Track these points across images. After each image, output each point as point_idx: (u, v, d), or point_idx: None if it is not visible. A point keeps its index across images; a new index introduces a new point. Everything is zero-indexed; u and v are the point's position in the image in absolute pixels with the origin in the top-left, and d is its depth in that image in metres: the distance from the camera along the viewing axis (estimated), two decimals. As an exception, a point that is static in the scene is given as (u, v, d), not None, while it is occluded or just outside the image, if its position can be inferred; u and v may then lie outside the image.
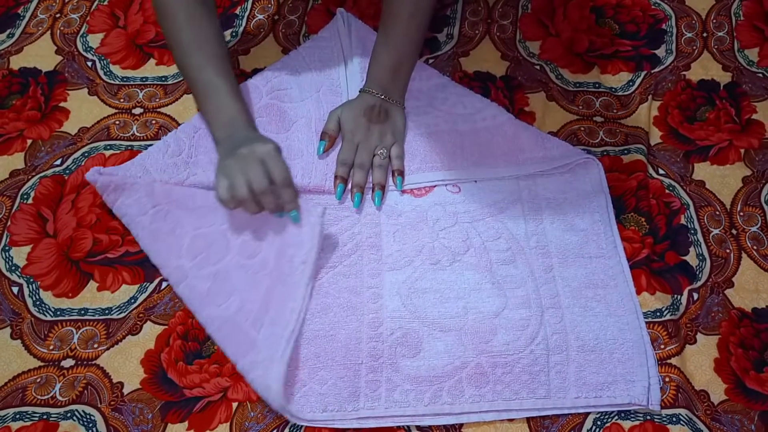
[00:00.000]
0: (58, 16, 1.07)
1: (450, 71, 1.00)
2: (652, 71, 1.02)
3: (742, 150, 0.93)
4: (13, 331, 0.77)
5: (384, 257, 0.81)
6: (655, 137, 0.94)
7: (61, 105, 0.96)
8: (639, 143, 0.93)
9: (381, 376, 0.73)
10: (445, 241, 0.82)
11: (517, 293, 0.78)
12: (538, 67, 1.02)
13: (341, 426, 0.71)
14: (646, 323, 0.77)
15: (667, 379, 0.75)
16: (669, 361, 0.76)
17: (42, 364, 0.76)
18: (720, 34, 1.06)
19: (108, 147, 0.92)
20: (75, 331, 0.78)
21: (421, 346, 0.75)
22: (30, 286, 0.81)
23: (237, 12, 1.08)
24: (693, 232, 0.86)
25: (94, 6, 1.08)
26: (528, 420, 0.72)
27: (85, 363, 0.76)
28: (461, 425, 0.72)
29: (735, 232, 0.86)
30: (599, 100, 0.98)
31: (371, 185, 0.86)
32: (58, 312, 0.79)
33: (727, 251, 0.84)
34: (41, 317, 0.78)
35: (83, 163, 0.90)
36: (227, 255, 0.78)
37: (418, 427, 0.72)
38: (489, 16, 1.08)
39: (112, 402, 0.73)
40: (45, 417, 0.72)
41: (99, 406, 0.73)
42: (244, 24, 1.07)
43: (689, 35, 1.06)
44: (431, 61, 1.02)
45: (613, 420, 0.72)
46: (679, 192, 0.89)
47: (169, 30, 0.83)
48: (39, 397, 0.73)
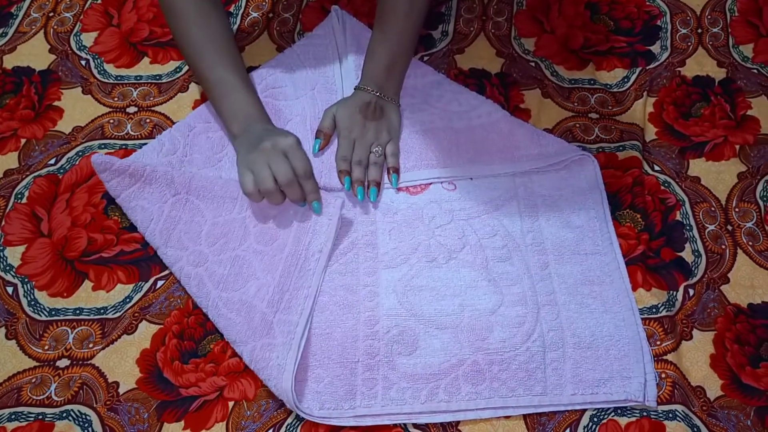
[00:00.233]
0: (51, 14, 1.07)
1: (445, 68, 1.00)
2: (647, 67, 1.02)
3: (737, 146, 0.93)
4: (8, 332, 0.77)
5: (380, 255, 0.81)
6: (651, 133, 0.94)
7: (55, 104, 0.96)
8: (634, 140, 0.93)
9: (377, 374, 0.73)
10: (441, 239, 0.82)
11: (513, 290, 0.78)
12: (533, 64, 1.02)
13: (338, 424, 0.71)
14: (642, 320, 0.77)
15: (663, 376, 0.75)
16: (665, 358, 0.76)
17: (37, 364, 0.75)
18: (715, 30, 1.06)
19: (102, 146, 0.92)
20: (70, 331, 0.77)
21: (418, 343, 0.75)
22: (25, 285, 0.80)
23: (231, 10, 1.08)
24: (688, 228, 0.86)
25: (87, 5, 1.08)
26: (525, 417, 0.72)
27: (81, 363, 0.75)
28: (458, 423, 0.72)
29: (730, 228, 0.86)
30: (594, 96, 0.98)
31: (367, 183, 0.85)
32: (53, 312, 0.78)
33: (723, 247, 0.84)
34: (36, 317, 0.78)
35: (77, 163, 0.89)
36: (245, 242, 0.80)
37: (414, 425, 0.72)
38: (484, 13, 1.08)
39: (107, 402, 0.73)
40: (41, 417, 0.72)
41: (95, 405, 0.73)
42: (238, 22, 1.06)
43: (684, 31, 1.06)
44: (426, 59, 1.02)
45: (610, 416, 0.72)
46: (675, 188, 0.89)
47: (179, 28, 0.83)
48: (34, 398, 0.73)
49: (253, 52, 1.02)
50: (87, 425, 0.71)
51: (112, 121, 0.94)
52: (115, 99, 0.97)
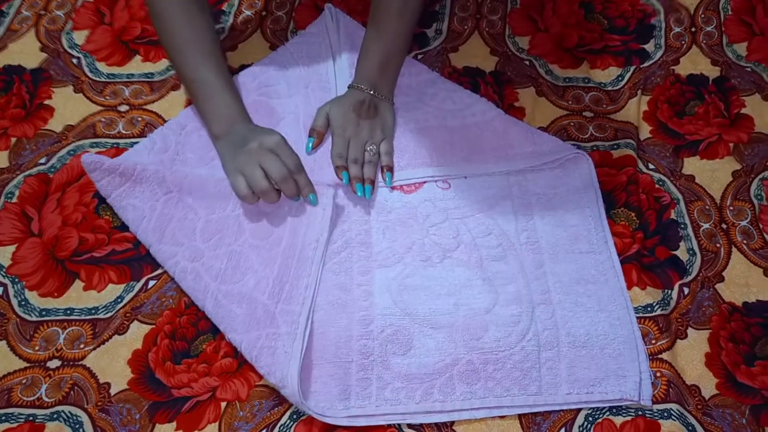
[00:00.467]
0: (42, 13, 1.06)
1: (439, 67, 1.00)
2: (641, 66, 1.02)
3: (731, 144, 0.93)
4: (-2, 332, 0.76)
5: (374, 254, 0.80)
6: (645, 132, 0.94)
7: (46, 103, 0.95)
8: (629, 138, 0.93)
9: (372, 374, 0.73)
10: (436, 238, 0.81)
11: (508, 289, 0.78)
12: (527, 63, 1.02)
13: (332, 423, 0.70)
14: (636, 318, 0.77)
15: (659, 374, 0.74)
16: (660, 356, 0.76)
17: (28, 365, 0.75)
18: (708, 28, 1.06)
19: (94, 145, 0.91)
20: (61, 332, 0.77)
21: (412, 343, 0.74)
22: (15, 286, 0.79)
23: (224, 8, 1.07)
24: (683, 226, 0.86)
25: (79, 2, 1.07)
26: (519, 417, 0.72)
27: (72, 363, 0.75)
28: (453, 423, 0.72)
29: (725, 226, 0.86)
30: (589, 95, 0.98)
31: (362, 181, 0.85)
32: (43, 312, 0.78)
33: (718, 246, 0.84)
34: (26, 317, 0.77)
35: (68, 162, 0.89)
36: (241, 237, 0.79)
37: (409, 425, 0.71)
38: (478, 11, 1.08)
39: (99, 403, 0.72)
40: (31, 418, 0.71)
41: (86, 406, 0.72)
42: (231, 20, 1.06)
43: (678, 30, 1.06)
44: (420, 57, 1.01)
45: (605, 416, 0.72)
46: (669, 187, 0.89)
47: (163, 28, 0.83)
48: (25, 399, 0.72)
49: (246, 50, 1.02)
50: (78, 426, 0.71)
51: (103, 120, 0.93)
52: (107, 97, 0.96)
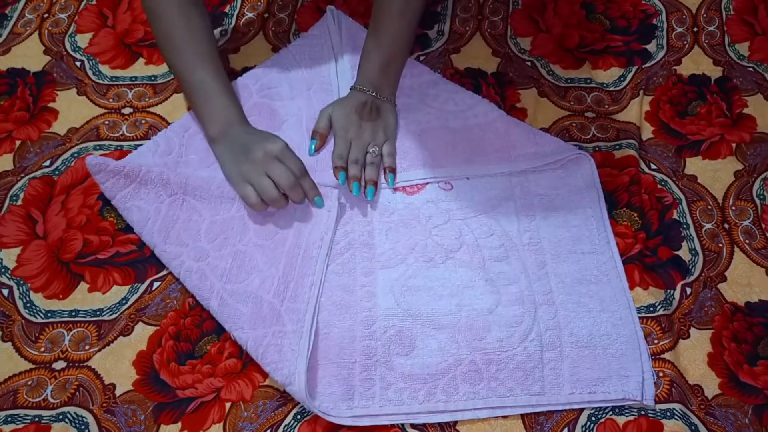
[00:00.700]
0: (46, 16, 1.06)
1: (441, 68, 1.00)
2: (643, 66, 1.02)
3: (733, 144, 0.93)
4: (4, 334, 0.77)
5: (377, 255, 0.81)
6: (647, 132, 0.94)
7: (50, 105, 0.95)
8: (631, 138, 0.93)
9: (375, 374, 0.73)
10: (438, 239, 0.82)
11: (511, 290, 0.78)
12: (529, 63, 1.02)
13: (337, 422, 0.71)
14: (639, 318, 0.77)
15: (661, 374, 0.75)
16: (663, 356, 0.76)
17: (33, 366, 0.75)
18: (710, 28, 1.06)
19: (97, 147, 0.91)
20: (66, 333, 0.77)
21: (415, 343, 0.75)
22: (20, 288, 0.80)
23: (226, 10, 1.08)
24: (685, 226, 0.86)
25: (82, 5, 1.08)
26: (522, 417, 0.72)
27: (77, 365, 0.75)
28: (456, 423, 0.72)
29: (727, 226, 0.86)
30: (591, 95, 0.98)
31: (364, 182, 0.85)
32: (48, 314, 0.78)
33: (720, 246, 0.84)
34: (32, 319, 0.78)
35: (73, 164, 0.89)
36: (245, 237, 0.80)
37: (412, 425, 0.72)
38: (479, 12, 1.08)
39: (104, 404, 0.73)
40: (37, 420, 0.71)
41: (91, 408, 0.72)
42: (233, 22, 1.06)
43: (680, 30, 1.06)
44: (422, 58, 1.01)
45: (608, 415, 0.72)
46: (672, 187, 0.89)
47: (160, 29, 0.83)
48: (30, 400, 0.73)
49: (249, 52, 1.02)
50: (84, 427, 0.71)
51: (107, 123, 0.94)
52: (110, 100, 0.96)
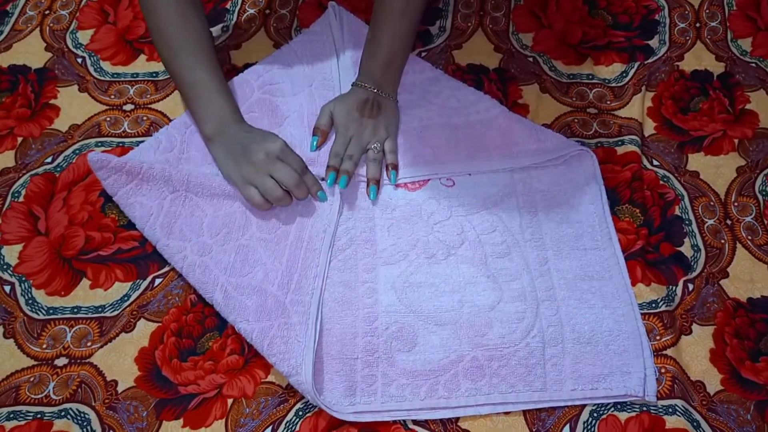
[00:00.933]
0: (47, 12, 1.06)
1: (443, 64, 1.00)
2: (645, 62, 1.01)
3: (735, 140, 0.93)
4: (6, 330, 0.77)
5: (378, 252, 0.81)
6: (649, 128, 0.94)
7: (52, 102, 0.96)
8: (633, 134, 0.93)
9: (377, 370, 0.73)
10: (440, 235, 0.82)
11: (513, 286, 0.78)
12: (531, 59, 1.01)
13: (339, 417, 0.70)
14: (641, 314, 0.77)
15: (663, 370, 0.74)
16: (665, 352, 0.76)
17: (35, 363, 0.75)
18: (713, 24, 1.06)
19: (99, 144, 0.91)
20: (68, 330, 0.77)
21: (417, 340, 0.75)
22: (22, 284, 0.80)
23: (228, 6, 1.07)
24: (688, 222, 0.85)
25: (83, 2, 1.08)
26: (524, 413, 0.72)
27: (79, 361, 0.75)
28: (458, 419, 0.72)
29: (729, 222, 0.86)
30: (593, 91, 0.98)
31: (366, 180, 0.85)
32: (50, 310, 0.78)
33: (722, 242, 0.84)
34: (34, 316, 0.78)
35: (74, 161, 0.89)
36: (248, 231, 0.81)
37: (414, 422, 0.72)
38: (481, 8, 1.08)
39: (106, 400, 0.73)
40: (39, 416, 0.72)
41: (93, 404, 0.72)
42: (234, 18, 1.06)
43: (682, 26, 1.06)
44: (424, 54, 1.01)
45: (610, 412, 0.72)
46: (674, 183, 0.89)
47: (157, 27, 0.83)
48: (33, 396, 0.73)
49: (250, 48, 1.02)
50: (86, 424, 0.71)
51: (108, 119, 0.94)
52: (112, 97, 0.96)
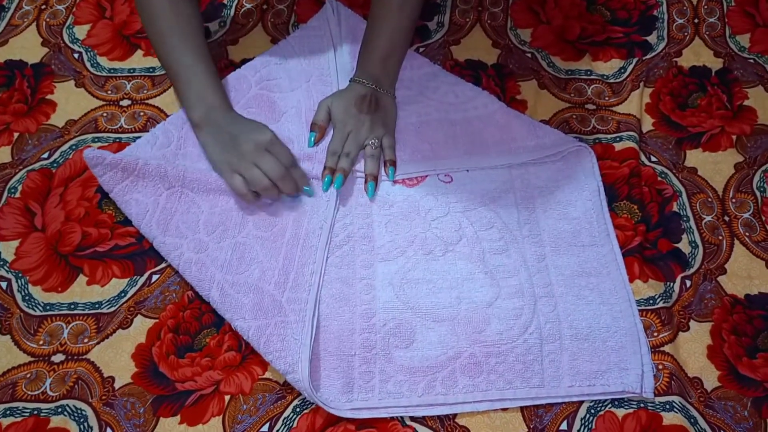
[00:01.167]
0: (43, 7, 1.06)
1: (441, 60, 1.00)
2: (643, 58, 1.01)
3: (734, 136, 0.93)
4: (2, 327, 0.77)
5: (376, 248, 0.81)
6: (647, 124, 0.94)
7: (48, 97, 0.95)
8: (631, 130, 0.92)
9: (374, 367, 0.73)
10: (438, 231, 0.81)
11: (510, 282, 0.78)
12: (529, 55, 1.01)
13: (336, 414, 0.70)
14: (639, 311, 0.77)
15: (661, 367, 0.75)
16: (662, 349, 0.76)
17: (32, 359, 0.75)
18: (711, 20, 1.06)
19: (96, 139, 0.91)
20: (65, 326, 0.77)
21: (414, 336, 0.75)
22: (19, 280, 0.80)
23: (225, 1, 1.07)
24: (685, 219, 0.85)
25: (79, -3, 1.07)
26: (522, 409, 0.72)
27: (76, 358, 0.75)
28: (455, 415, 0.72)
29: (727, 218, 0.86)
30: (591, 87, 0.98)
31: (363, 176, 0.85)
32: (47, 307, 0.78)
33: (720, 238, 0.84)
34: (30, 312, 0.78)
35: (71, 156, 0.89)
36: (244, 229, 0.81)
37: (412, 418, 0.72)
38: (480, 3, 1.08)
39: (103, 396, 0.73)
40: (36, 412, 0.71)
41: (90, 400, 0.72)
42: (232, 13, 1.06)
43: (680, 21, 1.06)
44: (422, 50, 1.01)
45: (607, 408, 0.72)
46: (672, 179, 0.89)
47: (148, 14, 0.84)
48: (29, 393, 0.73)
49: (248, 43, 1.02)
50: (83, 420, 0.71)
51: (105, 115, 0.94)
52: (109, 92, 0.96)
